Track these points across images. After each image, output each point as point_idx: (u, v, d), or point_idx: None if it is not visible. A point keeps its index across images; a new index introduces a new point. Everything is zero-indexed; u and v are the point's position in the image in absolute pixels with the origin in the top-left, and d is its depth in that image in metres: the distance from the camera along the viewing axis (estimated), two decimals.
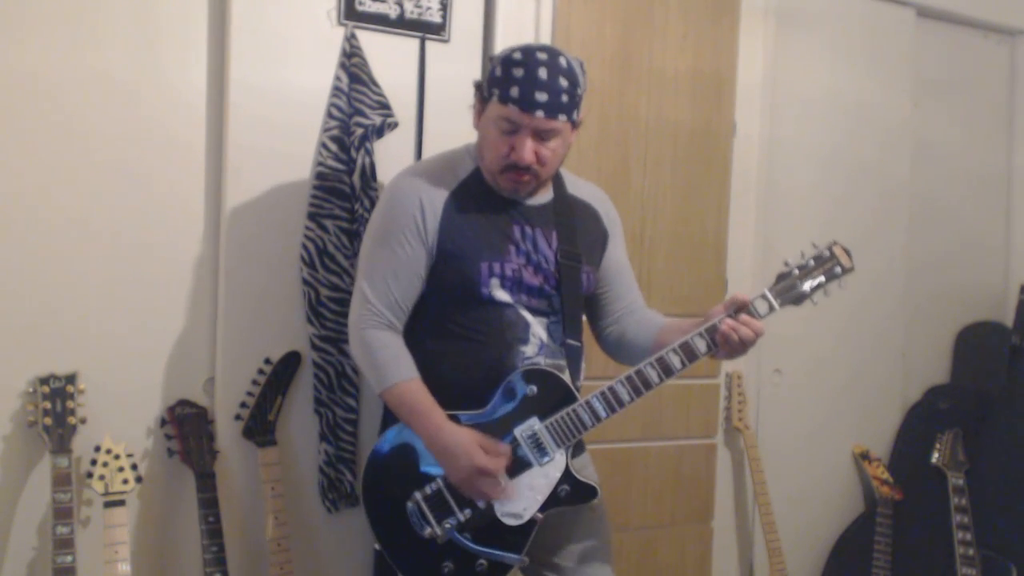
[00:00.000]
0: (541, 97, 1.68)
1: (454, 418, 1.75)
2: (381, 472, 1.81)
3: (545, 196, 1.87)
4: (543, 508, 1.76)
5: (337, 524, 2.27)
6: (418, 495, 1.75)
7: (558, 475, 1.77)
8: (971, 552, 2.83)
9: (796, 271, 1.82)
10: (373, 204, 2.19)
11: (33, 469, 2.00)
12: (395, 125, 2.22)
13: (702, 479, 2.78)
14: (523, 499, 1.75)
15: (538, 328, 1.82)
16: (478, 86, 1.81)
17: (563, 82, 1.70)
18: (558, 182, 1.90)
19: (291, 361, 2.18)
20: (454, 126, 2.34)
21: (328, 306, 2.18)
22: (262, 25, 2.12)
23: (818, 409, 3.07)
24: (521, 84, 1.68)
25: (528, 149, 1.72)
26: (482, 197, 1.82)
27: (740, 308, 1.77)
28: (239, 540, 2.17)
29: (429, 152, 2.31)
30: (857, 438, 3.17)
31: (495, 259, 1.79)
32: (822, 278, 1.83)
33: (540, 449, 1.75)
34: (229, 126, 2.11)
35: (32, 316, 1.99)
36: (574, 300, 1.85)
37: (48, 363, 1.98)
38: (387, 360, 1.78)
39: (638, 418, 2.62)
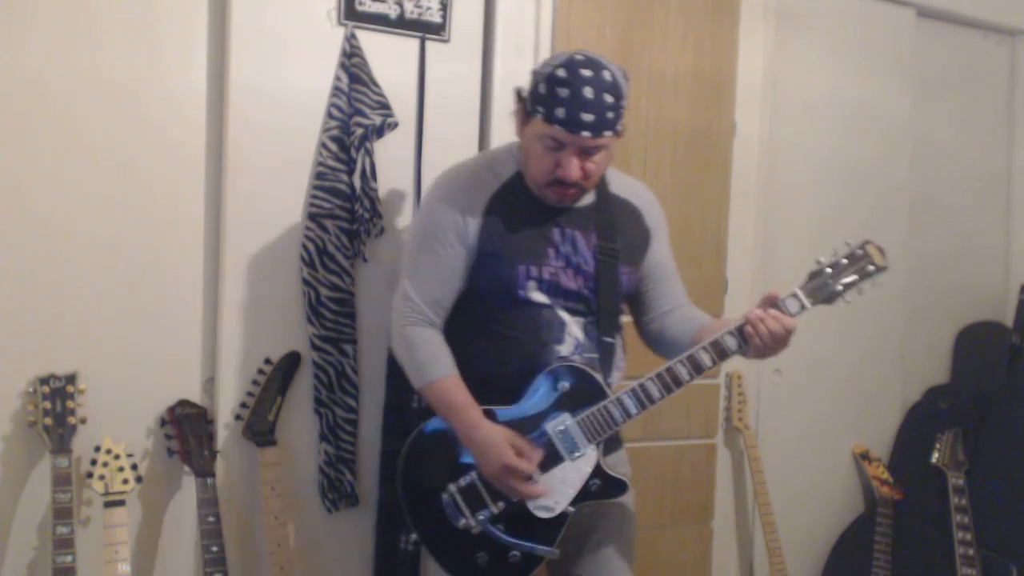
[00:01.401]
0: (587, 118, 1.68)
1: (489, 412, 1.78)
2: (422, 453, 1.85)
3: (587, 198, 1.88)
4: (575, 502, 1.79)
5: (337, 524, 2.27)
6: (453, 487, 1.79)
7: (589, 470, 1.79)
8: (971, 552, 2.83)
9: (828, 270, 1.80)
10: (373, 204, 2.20)
11: (33, 469, 2.00)
12: (395, 125, 2.22)
13: (702, 479, 2.78)
14: (555, 493, 1.78)
15: (575, 328, 1.84)
16: (520, 96, 1.81)
17: (608, 98, 1.70)
18: (601, 182, 1.90)
19: (291, 361, 2.18)
20: (454, 126, 2.35)
21: (328, 306, 2.18)
22: (262, 25, 2.12)
23: (818, 409, 3.07)
24: (567, 105, 1.68)
25: (574, 167, 1.74)
26: (523, 199, 1.84)
27: (770, 304, 1.78)
28: (239, 540, 2.17)
29: (429, 152, 2.31)
30: (857, 438, 3.17)
31: (533, 263, 1.81)
32: (855, 276, 1.80)
33: (571, 444, 1.78)
34: (229, 126, 2.11)
35: (32, 316, 1.99)
36: (611, 301, 1.87)
37: (48, 363, 1.98)
38: (427, 357, 1.81)
39: (638, 418, 2.61)
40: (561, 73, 1.70)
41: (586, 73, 1.69)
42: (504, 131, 2.40)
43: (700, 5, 2.67)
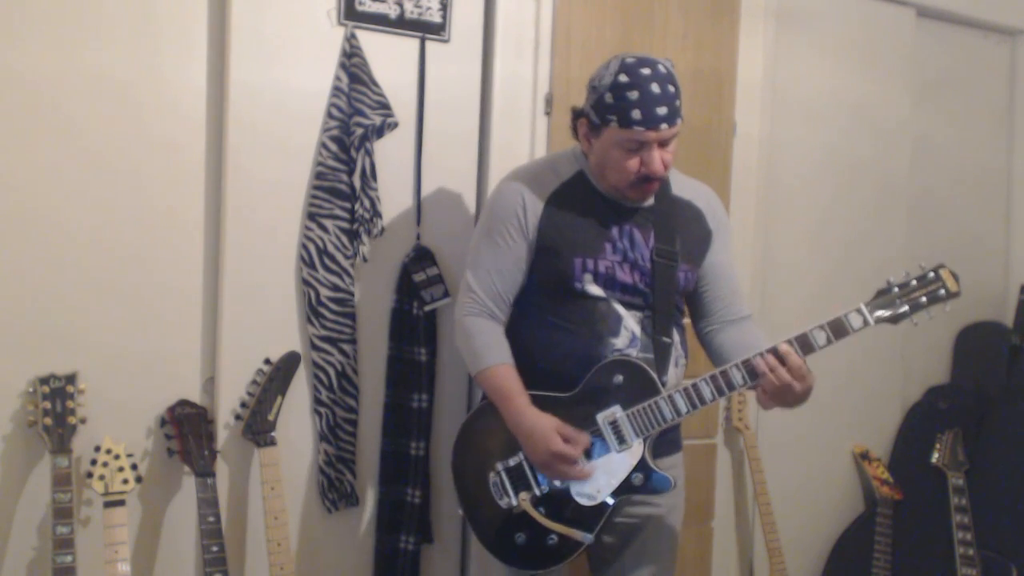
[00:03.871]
0: (662, 111, 1.75)
1: (543, 398, 1.84)
2: (475, 431, 1.94)
3: (648, 200, 1.93)
4: (616, 493, 1.82)
5: (337, 524, 2.27)
6: (500, 466, 1.85)
7: (634, 462, 1.82)
8: (971, 552, 2.83)
9: (896, 289, 1.80)
10: (373, 204, 2.20)
11: (33, 469, 2.00)
12: (395, 125, 2.23)
13: (702, 479, 2.77)
14: (597, 481, 1.82)
15: (631, 322, 1.88)
16: (582, 114, 1.86)
17: (671, 88, 1.77)
18: (663, 184, 1.94)
19: (291, 361, 2.17)
20: (454, 126, 2.35)
21: (328, 306, 2.18)
22: (262, 25, 2.12)
23: (818, 409, 3.05)
24: (641, 106, 1.75)
25: (658, 160, 1.80)
26: (583, 197, 1.90)
27: (801, 343, 1.79)
28: (239, 540, 2.17)
29: (429, 152, 2.32)
30: (857, 438, 3.17)
31: (589, 256, 1.86)
32: (924, 299, 1.81)
33: (619, 436, 1.82)
34: (229, 126, 2.11)
35: (32, 316, 1.99)
36: (667, 298, 1.90)
37: (48, 363, 1.98)
38: (482, 346, 1.89)
39: None
40: (623, 78, 1.75)
41: (645, 71, 1.75)
42: (504, 131, 2.41)
43: (700, 5, 2.67)
